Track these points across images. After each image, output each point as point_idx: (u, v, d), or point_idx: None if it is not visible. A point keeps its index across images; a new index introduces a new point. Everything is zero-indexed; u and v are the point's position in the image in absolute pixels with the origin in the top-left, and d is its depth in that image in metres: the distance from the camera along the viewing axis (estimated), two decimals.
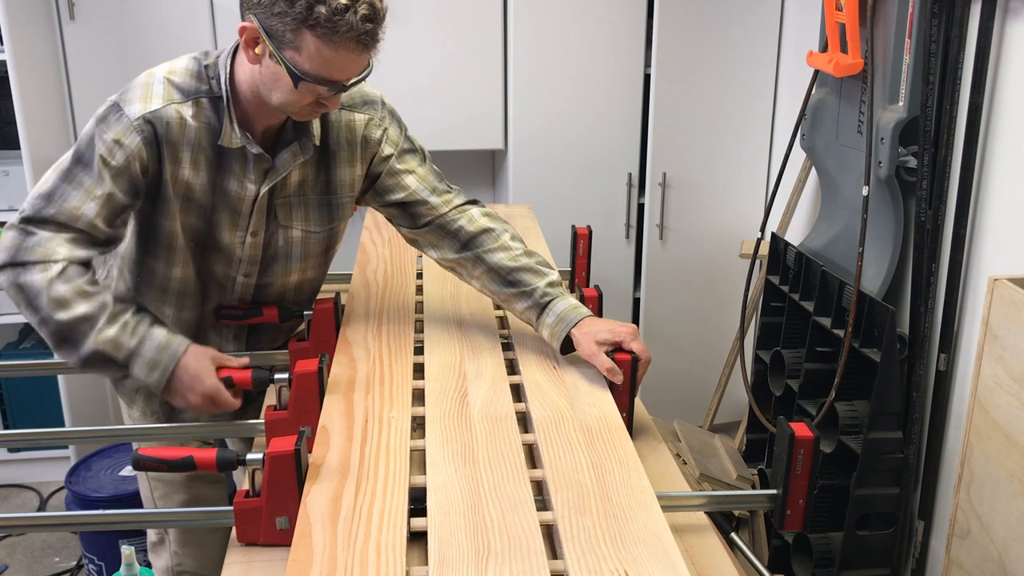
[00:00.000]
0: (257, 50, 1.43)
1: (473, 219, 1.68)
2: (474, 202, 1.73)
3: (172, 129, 1.49)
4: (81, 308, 1.45)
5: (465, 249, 1.67)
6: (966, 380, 2.12)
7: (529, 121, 3.06)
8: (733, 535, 1.60)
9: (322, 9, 1.34)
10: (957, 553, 2.03)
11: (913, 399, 2.20)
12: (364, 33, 1.37)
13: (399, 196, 1.68)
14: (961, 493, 2.01)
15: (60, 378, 2.94)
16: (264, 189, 1.58)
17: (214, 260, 1.65)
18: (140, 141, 1.47)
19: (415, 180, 1.69)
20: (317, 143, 1.60)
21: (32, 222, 1.48)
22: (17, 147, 2.74)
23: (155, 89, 1.50)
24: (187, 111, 1.50)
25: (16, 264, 1.46)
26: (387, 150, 1.67)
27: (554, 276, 1.66)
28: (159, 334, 1.50)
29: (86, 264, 1.50)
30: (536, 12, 2.95)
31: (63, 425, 2.96)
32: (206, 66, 1.53)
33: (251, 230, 1.62)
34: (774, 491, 1.35)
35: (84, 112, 2.93)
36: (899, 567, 2.30)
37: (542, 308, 1.61)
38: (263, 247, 1.65)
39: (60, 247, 1.46)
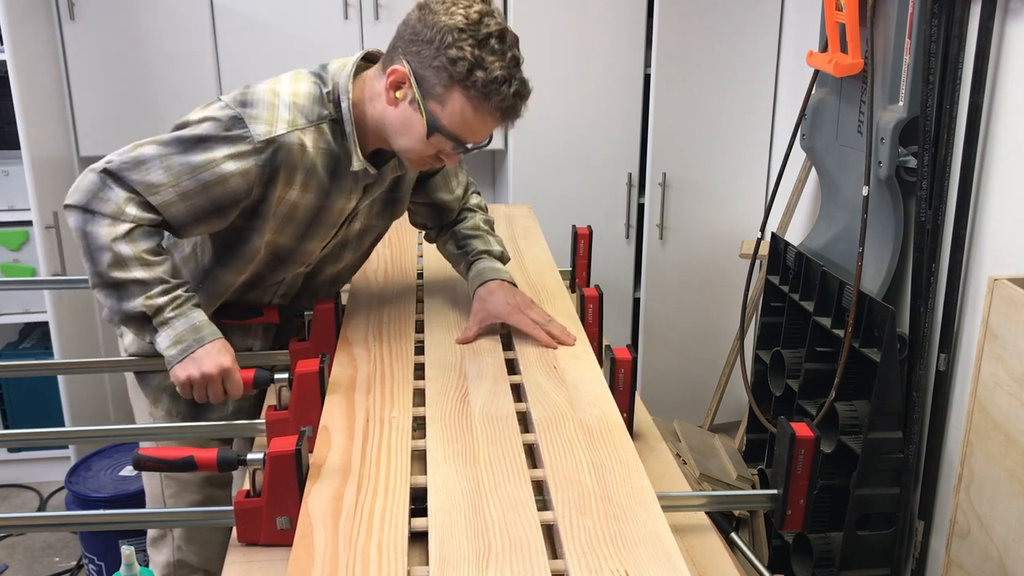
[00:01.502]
0: (399, 94, 1.45)
1: (467, 202, 1.87)
2: (476, 191, 1.90)
3: (292, 155, 1.49)
4: (138, 272, 1.46)
5: (447, 224, 1.86)
6: (966, 380, 2.13)
7: (529, 121, 3.02)
8: (733, 535, 1.60)
9: (480, 74, 1.38)
10: (957, 553, 2.03)
11: (913, 399, 2.20)
12: (510, 107, 1.44)
13: (441, 198, 1.81)
14: (961, 493, 2.01)
15: (60, 378, 2.94)
16: (365, 203, 1.64)
17: (283, 268, 1.67)
18: (255, 164, 1.47)
19: (457, 185, 1.83)
20: None
21: (113, 176, 1.46)
22: (17, 147, 2.74)
23: (281, 113, 1.48)
24: (308, 138, 1.50)
25: (88, 210, 1.46)
26: None
27: (496, 249, 1.80)
28: (198, 316, 1.51)
29: (155, 227, 1.50)
30: (536, 12, 2.95)
31: (63, 425, 2.96)
32: (327, 92, 1.52)
33: (336, 236, 1.67)
34: (774, 491, 1.35)
35: (84, 112, 2.94)
36: (899, 567, 2.30)
37: (469, 265, 1.77)
38: (334, 244, 1.70)
39: (132, 208, 1.46)
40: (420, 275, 2.01)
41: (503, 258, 1.80)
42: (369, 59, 1.57)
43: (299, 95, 1.51)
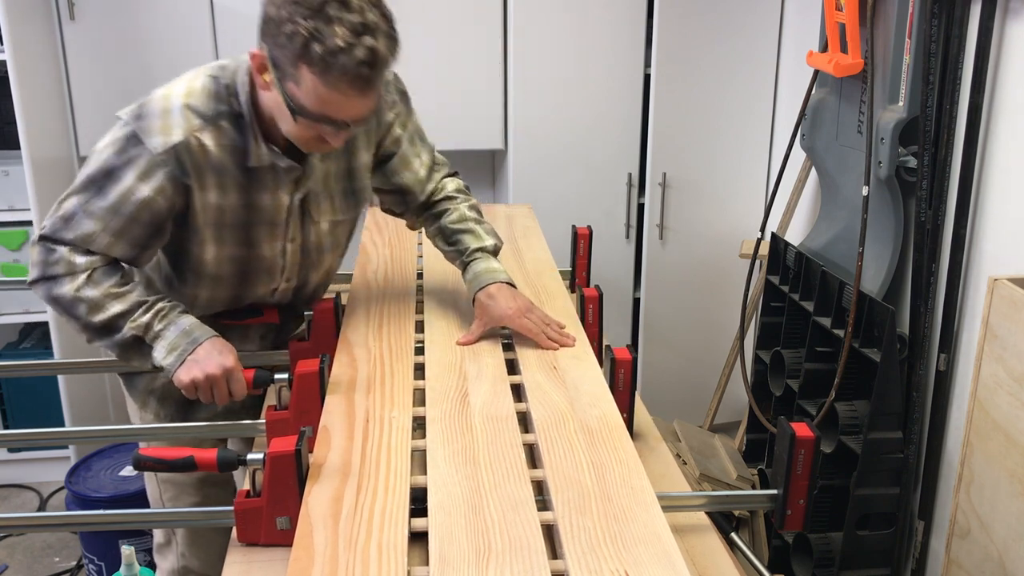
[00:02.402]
0: (266, 77, 1.41)
1: (444, 188, 1.82)
2: (453, 175, 1.86)
3: (195, 158, 1.47)
4: (114, 307, 1.50)
5: (426, 210, 1.81)
6: (966, 380, 2.12)
7: (529, 121, 3.06)
8: (733, 535, 1.60)
9: (317, 48, 1.30)
10: (957, 553, 2.03)
11: (913, 399, 2.20)
12: (359, 77, 1.33)
13: (402, 181, 1.75)
14: (961, 493, 2.01)
15: (60, 378, 2.94)
16: (298, 197, 1.60)
17: (256, 281, 1.67)
18: (163, 176, 1.46)
19: (420, 166, 1.77)
20: None
21: (51, 240, 1.50)
22: (17, 147, 2.74)
23: (174, 118, 1.46)
24: (208, 138, 1.48)
25: (46, 278, 1.51)
26: (397, 131, 1.72)
27: (488, 242, 1.76)
28: (185, 321, 1.52)
29: (112, 264, 1.52)
30: (536, 12, 2.95)
31: (63, 425, 2.96)
32: (226, 85, 1.50)
33: (290, 237, 1.64)
34: (774, 491, 1.35)
35: (84, 112, 2.94)
36: (899, 567, 2.30)
37: (465, 266, 1.74)
38: (301, 250, 1.67)
39: (79, 258, 1.49)
40: (420, 275, 2.01)
41: (496, 250, 1.78)
42: None
43: (193, 94, 1.48)
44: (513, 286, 1.71)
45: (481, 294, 1.68)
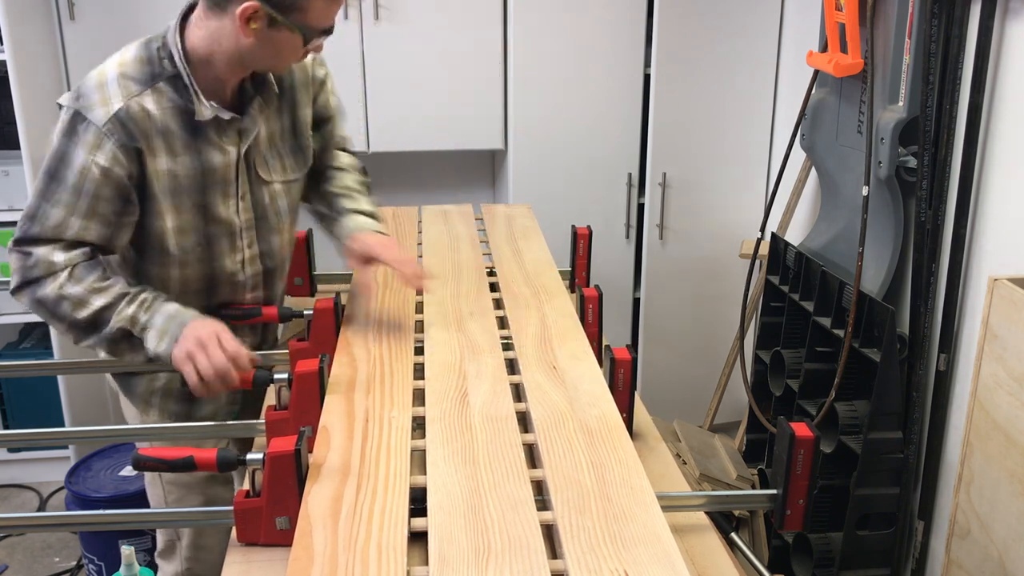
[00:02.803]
0: (254, 26, 1.46)
1: (338, 157, 1.89)
2: (353, 153, 1.95)
3: (140, 124, 1.50)
4: (98, 301, 1.50)
5: (316, 175, 1.87)
6: (966, 380, 2.12)
7: (529, 121, 3.06)
8: (733, 535, 1.60)
9: None
10: (957, 553, 2.03)
11: (913, 399, 2.20)
12: None
13: (325, 129, 1.85)
14: (961, 493, 2.01)
15: (60, 378, 2.94)
16: (244, 148, 1.62)
17: (220, 251, 1.67)
18: (113, 145, 1.48)
19: (336, 122, 1.88)
20: (276, 90, 1.66)
21: (24, 243, 1.51)
22: (17, 147, 2.74)
23: (111, 89, 1.49)
24: (149, 102, 1.51)
25: (27, 283, 1.51)
26: (329, 87, 1.81)
27: (366, 206, 1.82)
28: (170, 307, 1.54)
29: (91, 259, 1.53)
30: (536, 12, 2.95)
31: (63, 425, 2.96)
32: (157, 49, 1.54)
33: (240, 194, 1.65)
34: (774, 491, 1.35)
35: None
36: (899, 567, 2.30)
37: (336, 221, 1.80)
38: (253, 208, 1.69)
39: (57, 255, 1.50)
40: None
41: (375, 216, 1.82)
42: (191, 9, 1.56)
43: (125, 64, 1.52)
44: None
45: (348, 239, 1.74)
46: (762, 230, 2.69)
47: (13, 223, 2.89)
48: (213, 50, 1.51)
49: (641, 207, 3.13)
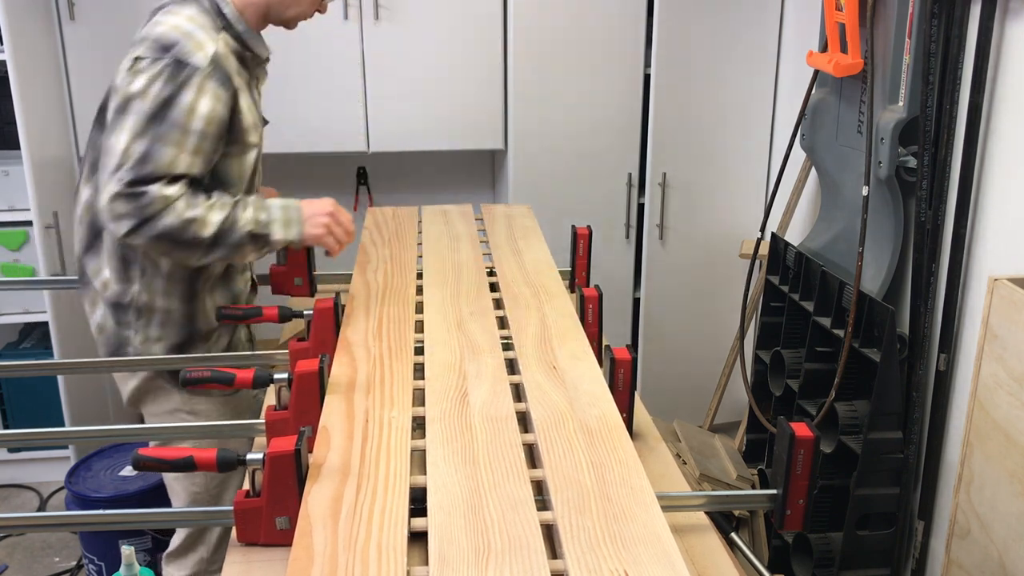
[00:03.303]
0: None
1: None
2: None
3: (228, 64, 1.66)
4: (218, 216, 1.64)
5: None
6: (966, 380, 2.12)
7: (529, 121, 3.06)
8: (733, 535, 1.60)
9: None
10: (957, 553, 2.03)
11: (913, 399, 2.20)
12: None
13: None
14: (961, 493, 2.01)
15: (60, 378, 2.94)
16: (263, 85, 1.85)
17: (252, 192, 1.83)
18: (216, 85, 1.62)
19: None
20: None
21: (137, 183, 1.58)
22: (17, 147, 2.74)
23: (199, 36, 1.63)
24: (222, 45, 1.66)
25: (146, 220, 1.59)
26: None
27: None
28: (274, 200, 1.75)
29: (193, 186, 1.65)
30: (536, 12, 2.95)
31: (63, 425, 2.96)
32: (206, 5, 1.69)
33: (261, 136, 1.83)
34: (774, 491, 1.35)
35: (84, 112, 2.94)
36: (899, 567, 2.30)
37: None
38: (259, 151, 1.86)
39: (169, 190, 1.60)
40: (420, 275, 2.01)
41: None
42: None
43: (193, 18, 1.66)
44: None
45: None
46: (762, 230, 2.69)
47: (13, 223, 2.91)
48: (247, 3, 1.71)
49: (641, 207, 3.14)
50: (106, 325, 1.78)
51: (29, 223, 2.85)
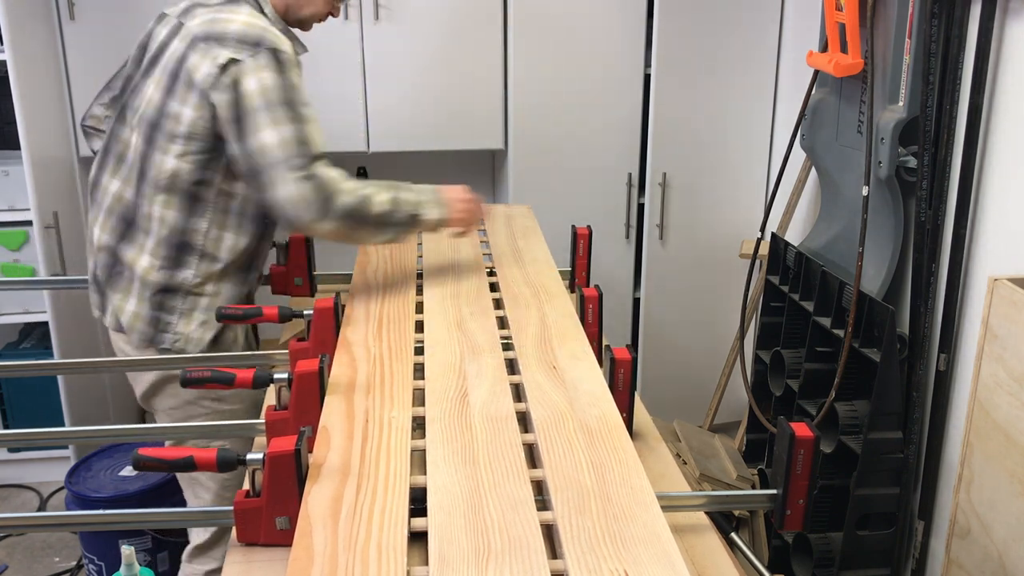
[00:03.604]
0: None
1: None
2: None
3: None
4: (383, 196, 1.74)
5: None
6: (966, 380, 2.12)
7: (529, 121, 3.06)
8: (733, 535, 1.60)
9: None
10: (957, 553, 2.03)
11: (913, 399, 2.20)
12: None
13: None
14: (961, 493, 2.01)
15: (60, 378, 2.94)
16: None
17: None
18: (300, 71, 1.75)
19: None
20: None
21: (307, 167, 1.66)
22: (17, 147, 2.74)
23: (271, 29, 1.72)
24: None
25: (326, 202, 1.67)
26: None
27: None
28: (417, 185, 1.84)
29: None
30: (536, 12, 2.95)
31: (63, 425, 2.96)
32: (250, 7, 1.77)
33: None
34: (774, 491, 1.35)
35: (84, 112, 2.93)
36: (899, 567, 2.30)
37: None
38: None
39: (331, 170, 1.70)
40: (420, 275, 2.01)
41: None
42: None
43: (254, 15, 1.74)
44: None
45: None
46: (762, 230, 2.69)
47: (13, 223, 2.91)
48: (277, 3, 1.81)
49: (641, 207, 3.13)
50: (142, 313, 1.78)
51: (29, 223, 2.85)
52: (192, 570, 1.86)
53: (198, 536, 1.87)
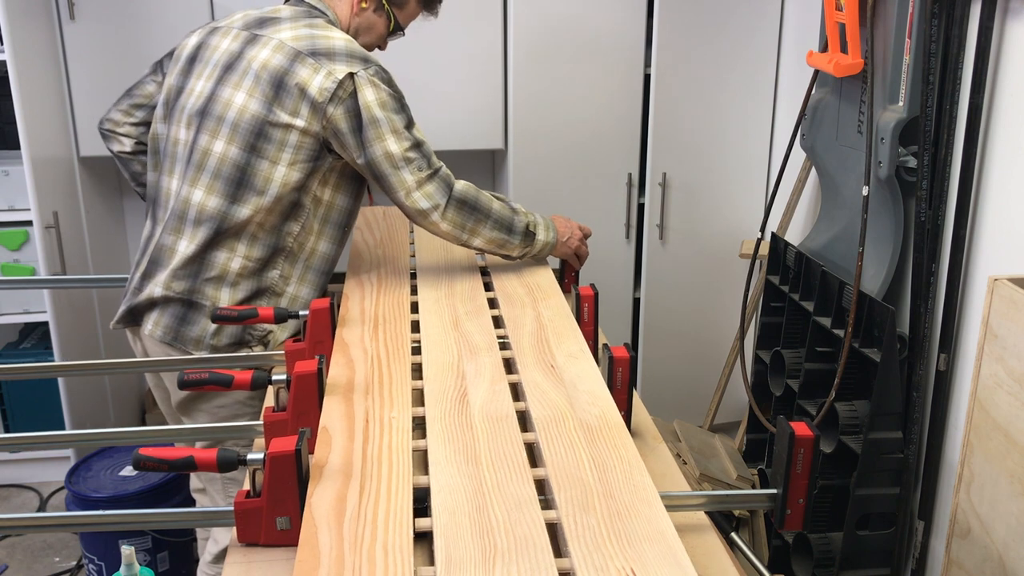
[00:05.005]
0: (364, 3, 1.94)
1: None
2: None
3: None
4: (498, 202, 1.93)
5: None
6: (966, 380, 2.13)
7: (529, 121, 3.06)
8: (733, 535, 1.60)
9: None
10: (957, 553, 2.03)
11: (913, 399, 2.20)
12: (437, 9, 2.10)
13: None
14: (961, 493, 2.01)
15: (60, 380, 2.94)
16: None
17: None
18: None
19: None
20: None
21: (431, 166, 1.83)
22: (17, 147, 2.74)
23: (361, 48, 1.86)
24: None
25: (449, 194, 1.84)
26: None
27: None
28: (533, 212, 2.01)
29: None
30: (536, 11, 2.95)
31: (63, 425, 2.96)
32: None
33: None
34: (774, 491, 1.35)
35: (84, 112, 2.94)
36: (899, 567, 2.30)
37: None
38: None
39: (445, 166, 1.86)
40: (414, 275, 2.01)
41: None
42: None
43: (345, 35, 1.86)
44: None
45: None
46: (762, 230, 2.69)
47: (13, 223, 2.91)
48: (343, 24, 1.93)
49: (641, 207, 3.13)
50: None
51: (29, 223, 2.85)
52: (214, 571, 1.86)
53: (215, 543, 1.86)
